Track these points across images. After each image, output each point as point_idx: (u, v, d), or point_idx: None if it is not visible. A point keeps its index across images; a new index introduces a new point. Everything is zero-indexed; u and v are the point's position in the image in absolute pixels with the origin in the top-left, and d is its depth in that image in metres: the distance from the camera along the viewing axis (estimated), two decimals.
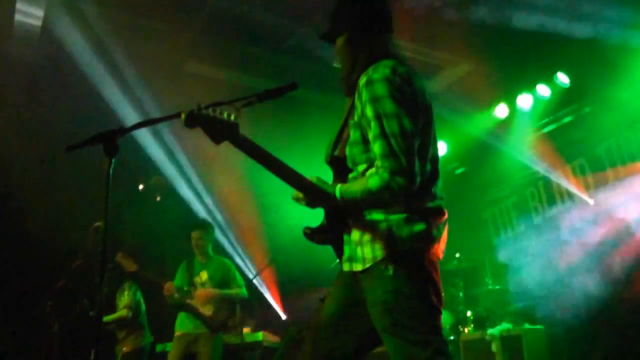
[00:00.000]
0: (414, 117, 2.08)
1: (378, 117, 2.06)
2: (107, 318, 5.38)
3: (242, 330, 5.70)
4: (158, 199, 7.47)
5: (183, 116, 2.07)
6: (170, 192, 7.33)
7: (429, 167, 2.18)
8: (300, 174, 2.20)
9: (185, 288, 5.38)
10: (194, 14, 5.62)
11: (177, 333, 5.37)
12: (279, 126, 6.27)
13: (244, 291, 5.53)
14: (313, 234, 2.31)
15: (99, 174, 2.15)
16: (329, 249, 2.37)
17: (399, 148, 2.01)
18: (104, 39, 5.62)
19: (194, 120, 2.07)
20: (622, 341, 5.41)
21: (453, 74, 6.80)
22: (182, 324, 5.37)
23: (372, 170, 2.10)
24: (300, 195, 2.23)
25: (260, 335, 6.07)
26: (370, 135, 2.10)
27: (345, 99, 2.38)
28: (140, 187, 7.37)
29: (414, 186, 2.02)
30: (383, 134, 2.04)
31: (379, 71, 2.11)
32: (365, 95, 2.10)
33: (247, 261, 7.52)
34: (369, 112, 2.08)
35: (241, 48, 6.22)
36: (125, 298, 5.58)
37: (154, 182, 7.44)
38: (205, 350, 5.20)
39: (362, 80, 2.14)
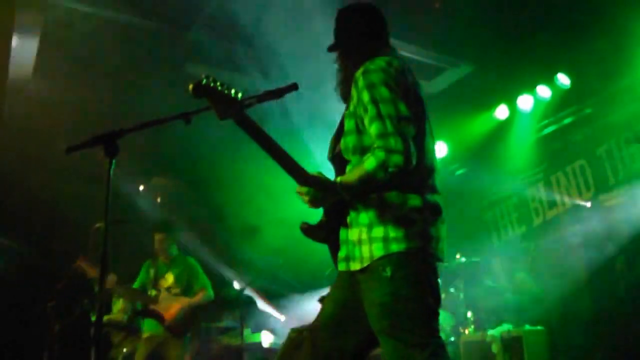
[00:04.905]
0: (408, 104, 2.15)
1: (374, 101, 2.13)
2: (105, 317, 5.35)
3: (242, 332, 5.69)
4: (158, 199, 7.44)
5: (191, 86, 2.13)
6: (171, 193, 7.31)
7: (425, 159, 2.21)
8: (301, 166, 2.20)
9: (154, 293, 5.26)
10: (194, 14, 5.62)
11: (145, 335, 5.24)
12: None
13: (209, 293, 5.39)
14: (310, 230, 2.32)
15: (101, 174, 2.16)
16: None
17: (395, 128, 2.07)
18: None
19: (201, 90, 2.13)
20: (622, 341, 5.40)
21: (453, 75, 6.80)
22: (151, 326, 5.24)
23: (369, 154, 2.13)
24: (304, 189, 2.22)
25: (260, 336, 6.07)
26: (367, 119, 2.16)
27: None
28: (141, 187, 7.34)
29: (410, 166, 2.06)
30: (379, 116, 2.11)
31: (375, 63, 2.21)
32: (361, 83, 2.18)
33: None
34: (365, 97, 2.15)
35: (241, 49, 6.21)
36: (120, 303, 5.56)
37: (154, 183, 7.42)
38: (175, 353, 5.10)
39: (359, 71, 2.22)
